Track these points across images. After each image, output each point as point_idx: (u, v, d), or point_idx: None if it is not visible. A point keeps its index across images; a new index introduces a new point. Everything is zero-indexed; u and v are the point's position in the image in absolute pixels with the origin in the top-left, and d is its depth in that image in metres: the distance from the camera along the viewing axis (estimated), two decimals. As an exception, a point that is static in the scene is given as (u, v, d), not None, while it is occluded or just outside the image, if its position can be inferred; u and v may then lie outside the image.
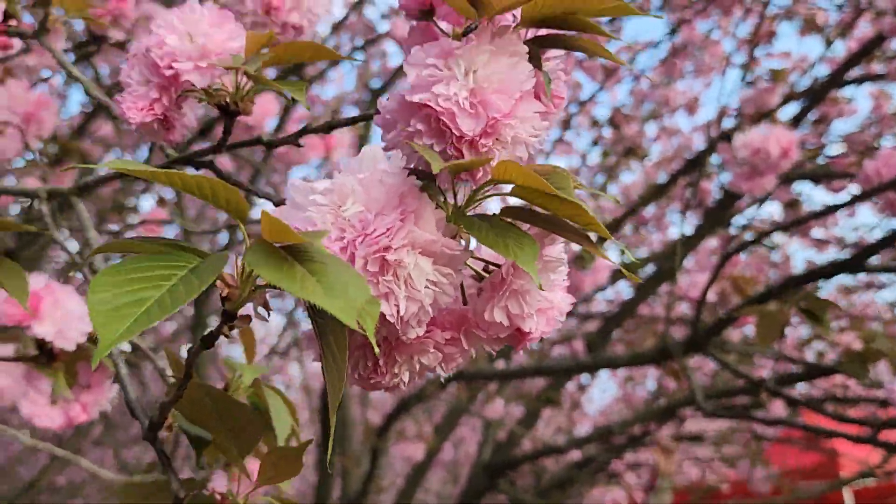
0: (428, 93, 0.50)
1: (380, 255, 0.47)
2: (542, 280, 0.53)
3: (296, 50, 0.66)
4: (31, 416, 0.94)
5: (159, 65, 0.67)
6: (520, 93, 0.51)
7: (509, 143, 0.51)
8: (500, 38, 0.52)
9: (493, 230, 0.49)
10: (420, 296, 0.48)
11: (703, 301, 2.01)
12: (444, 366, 0.55)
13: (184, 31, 0.67)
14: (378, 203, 0.49)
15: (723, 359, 2.07)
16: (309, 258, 0.44)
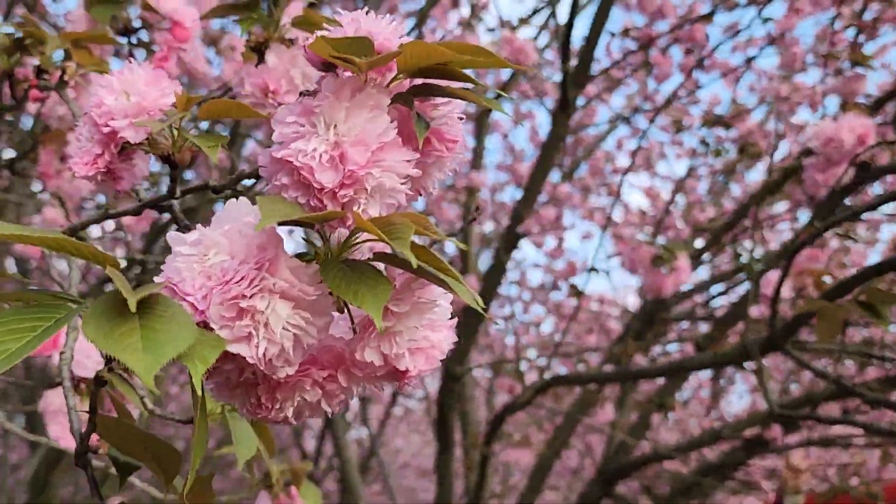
0: (289, 149, 0.54)
1: (234, 303, 0.51)
2: (415, 321, 0.56)
3: (221, 108, 0.70)
4: (57, 437, 1.08)
5: (98, 123, 0.72)
6: (378, 144, 0.54)
7: (374, 192, 0.54)
8: (359, 94, 0.56)
9: (347, 277, 0.52)
10: (278, 338, 0.51)
11: (776, 298, 1.89)
12: (327, 402, 0.58)
13: (120, 91, 0.72)
14: (240, 253, 0.52)
15: (800, 358, 1.97)
16: (154, 313, 0.48)
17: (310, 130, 0.54)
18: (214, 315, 0.51)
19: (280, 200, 0.54)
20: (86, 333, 0.46)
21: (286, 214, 0.51)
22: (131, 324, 0.46)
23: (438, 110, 0.61)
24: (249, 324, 0.51)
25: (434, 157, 0.61)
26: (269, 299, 0.51)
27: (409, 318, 0.56)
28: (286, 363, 0.53)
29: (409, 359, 0.56)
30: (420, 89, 0.59)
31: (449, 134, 0.61)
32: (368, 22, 0.56)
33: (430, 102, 0.61)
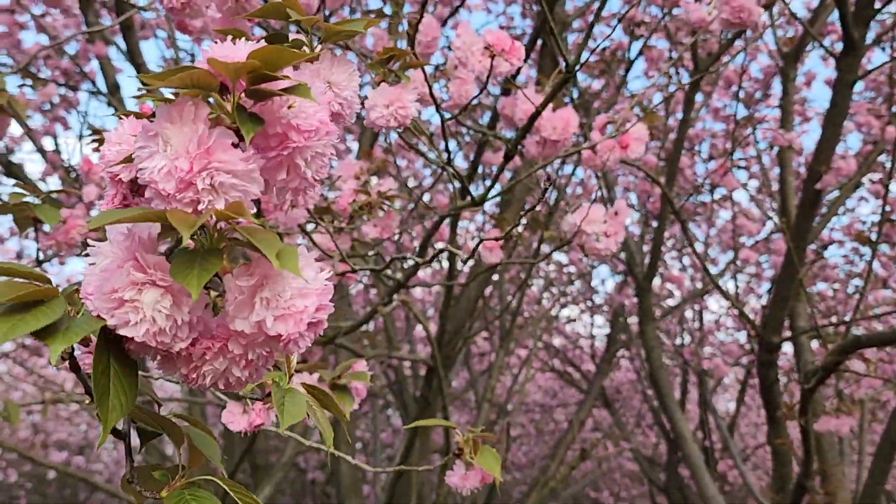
0: (141, 168, 0.65)
1: (110, 296, 0.63)
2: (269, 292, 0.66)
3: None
4: (228, 421, 1.27)
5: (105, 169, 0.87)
6: (200, 151, 0.64)
7: (214, 190, 0.65)
8: (183, 112, 0.66)
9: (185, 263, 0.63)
10: (150, 319, 0.63)
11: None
12: (237, 368, 0.69)
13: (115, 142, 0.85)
14: (116, 257, 0.65)
15: None
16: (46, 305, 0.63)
17: (153, 150, 0.65)
18: (100, 308, 0.63)
19: (117, 211, 0.68)
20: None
21: (115, 217, 0.64)
22: (13, 318, 0.61)
23: (293, 106, 0.69)
24: (127, 310, 0.63)
25: (293, 147, 0.69)
26: (138, 289, 0.63)
27: (262, 290, 0.66)
28: (174, 338, 0.65)
29: (277, 324, 0.65)
30: (254, 94, 0.69)
31: (303, 125, 0.69)
32: (220, 49, 0.67)
33: (282, 101, 0.69)
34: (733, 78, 4.77)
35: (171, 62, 4.71)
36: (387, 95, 1.39)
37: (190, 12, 1.48)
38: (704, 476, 3.96)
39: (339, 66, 0.95)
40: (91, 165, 2.30)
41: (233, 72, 0.66)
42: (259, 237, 0.63)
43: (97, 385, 0.64)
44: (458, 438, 1.38)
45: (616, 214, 1.93)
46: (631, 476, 9.34)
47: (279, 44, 1.03)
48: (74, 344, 0.63)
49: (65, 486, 9.02)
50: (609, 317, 6.18)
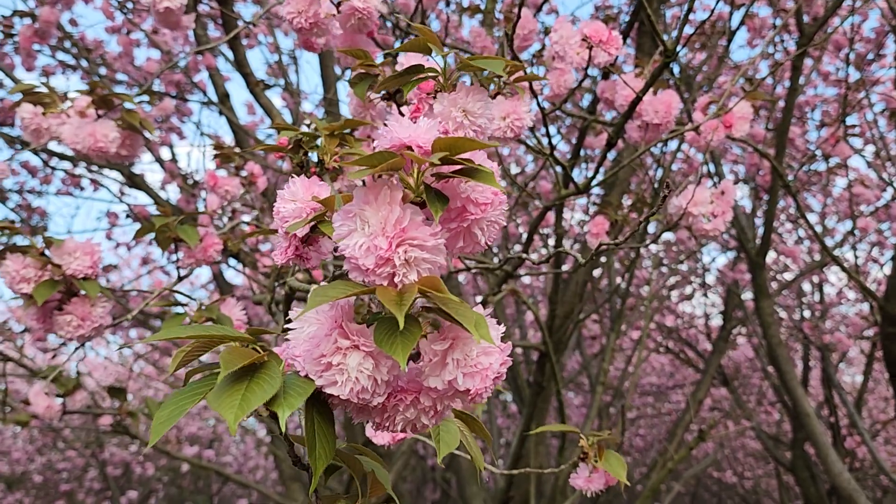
0: (342, 245, 0.73)
1: (319, 359, 0.72)
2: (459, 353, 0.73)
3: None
4: (371, 435, 1.33)
5: (280, 224, 0.98)
6: (396, 230, 0.71)
7: (408, 264, 0.72)
8: (380, 195, 0.73)
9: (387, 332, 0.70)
10: (354, 379, 0.71)
11: None
12: (425, 417, 0.77)
13: (289, 199, 0.97)
14: (323, 325, 0.74)
15: None
16: (261, 375, 0.70)
17: (352, 229, 0.73)
18: (309, 370, 0.72)
19: (331, 287, 0.72)
20: (208, 400, 0.67)
21: (330, 296, 0.71)
22: (240, 387, 0.68)
23: (470, 182, 0.76)
24: (333, 372, 0.71)
25: (472, 219, 0.78)
26: (344, 354, 0.72)
27: (454, 351, 0.73)
28: (374, 395, 0.73)
29: (465, 380, 0.73)
30: (440, 174, 0.77)
31: (480, 198, 0.77)
32: (403, 129, 0.74)
33: (460, 178, 0.76)
34: (843, 40, 4.59)
35: (276, 67, 4.87)
36: (503, 108, 1.43)
37: (317, 31, 1.57)
38: (830, 453, 3.85)
39: (473, 96, 1.03)
40: (216, 180, 2.43)
41: (425, 162, 0.74)
42: (455, 309, 0.70)
43: (308, 438, 0.73)
44: (583, 443, 1.42)
45: (723, 194, 1.91)
46: (755, 455, 9.12)
47: (415, 73, 1.09)
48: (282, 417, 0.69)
49: (198, 479, 9.45)
50: (723, 294, 6.05)
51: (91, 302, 1.63)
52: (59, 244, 1.60)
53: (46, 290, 1.56)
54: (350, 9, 1.49)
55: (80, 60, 4.23)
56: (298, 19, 1.55)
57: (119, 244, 5.71)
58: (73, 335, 1.61)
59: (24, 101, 1.79)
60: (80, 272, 1.60)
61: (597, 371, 4.71)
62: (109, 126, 1.75)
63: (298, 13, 1.54)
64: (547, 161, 2.03)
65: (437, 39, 0.99)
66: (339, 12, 1.52)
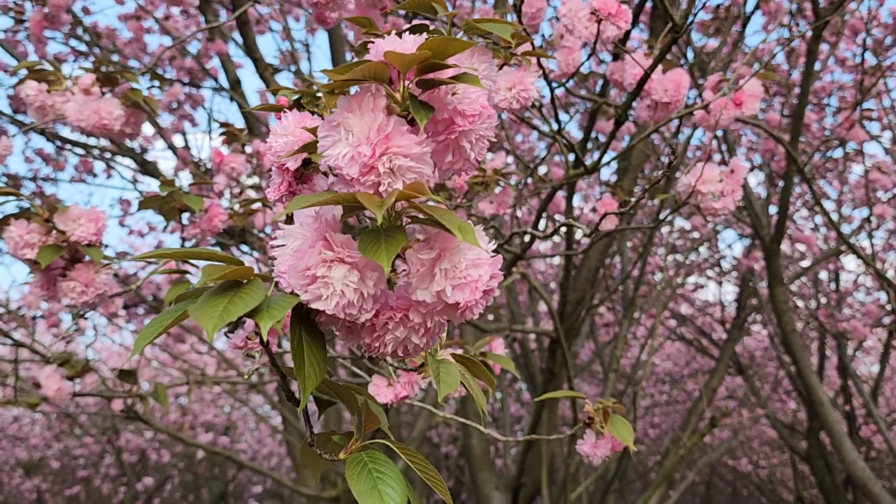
0: (327, 156, 0.72)
1: (303, 273, 0.69)
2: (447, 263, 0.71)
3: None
4: (374, 394, 1.33)
5: (273, 160, 0.96)
6: (379, 137, 0.70)
7: (393, 173, 0.70)
8: (363, 103, 0.71)
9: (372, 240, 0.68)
10: (339, 292, 0.69)
11: None
12: (416, 336, 0.74)
13: (281, 134, 0.94)
14: (307, 238, 0.72)
15: None
16: (245, 290, 0.69)
17: (336, 139, 0.71)
18: (294, 284, 0.70)
19: (313, 195, 0.71)
20: (189, 311, 0.66)
21: (309, 202, 0.69)
22: (223, 299, 0.67)
23: (457, 93, 0.74)
24: (318, 286, 0.69)
25: (459, 131, 0.75)
26: (328, 266, 0.69)
27: (441, 261, 0.71)
28: (360, 310, 0.70)
29: (454, 292, 0.70)
30: (424, 83, 0.74)
31: (468, 110, 0.75)
32: (389, 43, 0.72)
33: (447, 88, 0.74)
34: (859, 25, 4.53)
35: (288, 54, 4.86)
36: (509, 78, 1.41)
37: (332, 5, 1.56)
38: (844, 442, 3.83)
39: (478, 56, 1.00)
40: (222, 157, 2.42)
41: (407, 62, 0.71)
42: (440, 213, 0.68)
43: (295, 355, 0.71)
44: (589, 408, 1.41)
45: (732, 172, 1.89)
46: (770, 444, 9.08)
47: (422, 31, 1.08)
48: (264, 329, 0.68)
49: (213, 465, 9.51)
50: (737, 282, 6.01)
51: (95, 268, 1.62)
52: (63, 210, 1.59)
53: (50, 253, 1.56)
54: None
55: (91, 48, 4.23)
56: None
57: (132, 231, 5.73)
58: (77, 301, 1.61)
59: (29, 78, 1.79)
60: (84, 238, 1.60)
61: (609, 359, 4.70)
62: (114, 104, 1.75)
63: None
64: (555, 143, 2.01)
65: (443, 1, 0.97)
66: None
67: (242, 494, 10.05)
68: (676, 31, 1.63)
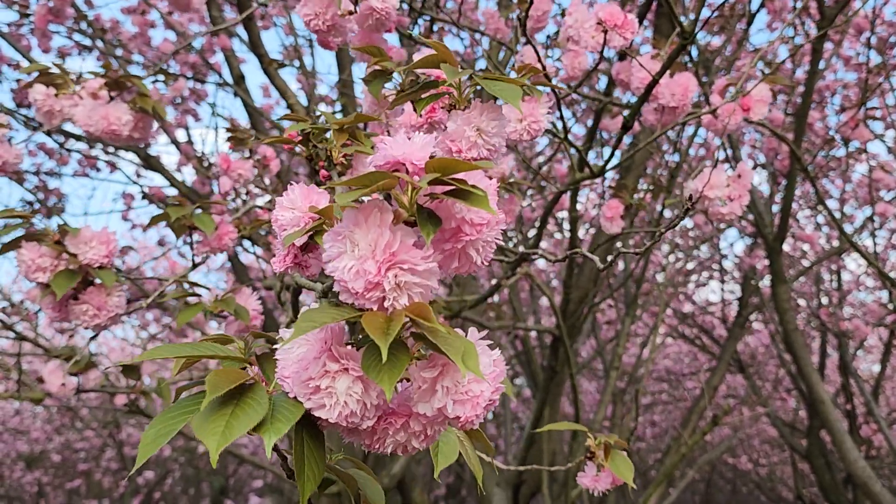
0: (331, 267, 0.71)
1: (307, 383, 0.71)
2: (449, 381, 0.72)
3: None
4: None
5: (279, 232, 0.97)
6: (386, 254, 0.70)
7: (399, 288, 0.70)
8: (370, 218, 0.71)
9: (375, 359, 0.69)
10: (342, 403, 0.70)
11: None
12: (415, 440, 0.76)
13: (287, 207, 0.94)
14: (312, 347, 0.73)
15: None
16: (247, 400, 0.69)
17: (341, 250, 0.71)
18: (298, 392, 0.71)
19: (320, 311, 0.71)
20: (192, 426, 0.66)
21: (318, 322, 0.69)
22: (225, 412, 0.67)
23: (463, 203, 0.74)
24: (322, 396, 0.71)
25: (467, 240, 0.75)
26: (332, 378, 0.71)
27: (443, 378, 0.72)
28: (363, 418, 0.72)
29: (455, 407, 0.72)
30: (434, 194, 0.75)
31: (476, 219, 0.75)
32: (398, 147, 0.72)
33: (454, 199, 0.74)
34: (864, 24, 4.53)
35: (292, 49, 4.86)
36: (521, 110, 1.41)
37: (334, 32, 1.55)
38: (845, 440, 3.83)
39: (488, 114, 1.01)
40: (229, 163, 2.43)
41: (415, 184, 0.73)
42: (443, 339, 0.68)
43: (297, 460, 0.73)
44: (591, 443, 1.42)
45: (739, 177, 1.89)
46: (771, 442, 9.09)
47: (429, 88, 1.08)
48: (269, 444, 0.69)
49: (214, 459, 9.52)
50: (739, 280, 6.01)
51: (107, 291, 1.63)
52: (74, 233, 1.60)
53: (65, 281, 1.56)
54: (368, 9, 1.47)
55: (95, 41, 4.23)
56: (316, 21, 1.53)
57: (135, 226, 5.73)
58: (90, 324, 1.62)
59: (37, 81, 1.79)
60: (95, 261, 1.60)
61: (611, 356, 4.70)
62: (122, 109, 1.75)
63: (316, 16, 1.53)
64: (562, 144, 2.01)
65: (452, 56, 0.97)
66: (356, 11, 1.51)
67: (243, 489, 10.07)
68: (685, 38, 1.62)
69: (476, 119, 1.03)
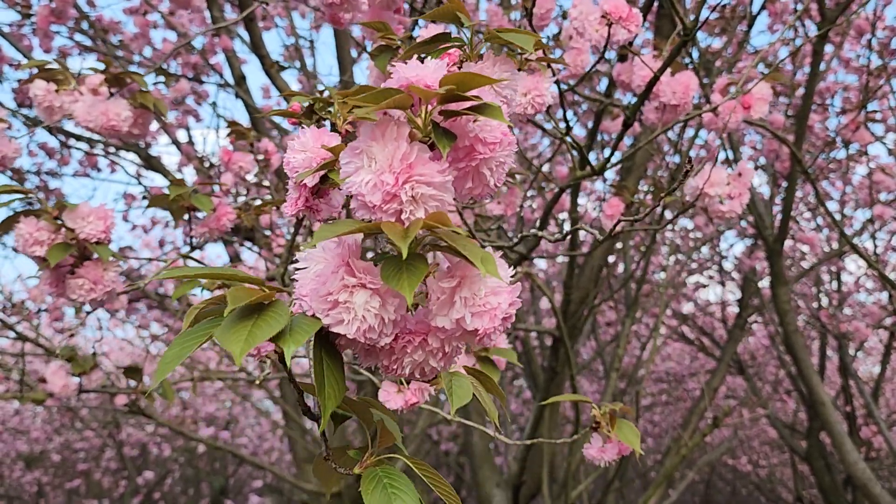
0: (349, 182, 0.72)
1: (325, 297, 0.71)
2: (467, 292, 0.72)
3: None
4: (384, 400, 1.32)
5: (290, 174, 0.97)
6: (402, 166, 0.70)
7: (415, 201, 0.71)
8: (386, 131, 0.72)
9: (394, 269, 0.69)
10: (361, 318, 0.70)
11: None
12: (433, 359, 0.75)
13: (299, 150, 0.94)
14: (329, 263, 0.72)
15: None
16: (268, 312, 0.69)
17: (359, 165, 0.72)
18: (316, 308, 0.71)
19: (338, 223, 0.72)
20: (215, 335, 0.67)
21: (336, 231, 0.70)
22: (247, 323, 0.68)
23: (478, 120, 0.75)
24: (340, 311, 0.70)
25: (480, 158, 0.76)
26: (350, 292, 0.71)
27: (461, 289, 0.72)
28: (381, 335, 0.72)
29: (473, 319, 0.72)
30: (450, 112, 0.76)
31: (489, 137, 0.76)
32: (411, 70, 0.73)
33: (469, 117, 0.75)
34: (865, 26, 4.53)
35: (293, 50, 4.86)
36: (524, 84, 1.41)
37: (346, 6, 1.56)
38: (845, 442, 3.83)
39: (501, 66, 1.01)
40: (230, 156, 2.43)
41: (431, 95, 0.73)
42: (462, 244, 0.69)
43: (317, 377, 0.72)
44: (595, 412, 1.41)
45: (740, 175, 1.90)
46: (770, 444, 9.09)
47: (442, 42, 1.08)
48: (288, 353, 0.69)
49: (214, 460, 9.53)
50: (740, 282, 6.02)
51: (103, 266, 1.64)
52: (72, 208, 1.61)
53: (60, 252, 1.58)
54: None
55: (96, 42, 4.23)
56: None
57: (135, 226, 5.73)
58: (86, 299, 1.62)
59: (37, 77, 1.79)
60: (93, 236, 1.61)
61: (611, 357, 4.70)
62: (122, 105, 1.76)
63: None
64: (562, 143, 2.02)
65: (464, 8, 0.97)
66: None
67: (243, 489, 10.07)
68: (686, 34, 1.63)
69: (489, 70, 1.03)
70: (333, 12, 1.60)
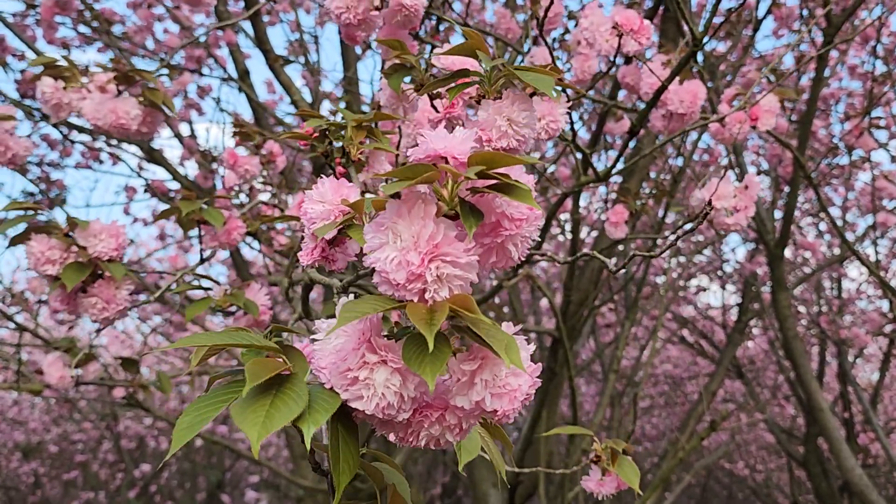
0: (373, 258, 0.71)
1: (345, 374, 0.71)
2: (488, 374, 0.72)
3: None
4: None
5: (307, 225, 0.98)
6: (429, 246, 0.70)
7: (439, 280, 0.70)
8: (413, 209, 0.71)
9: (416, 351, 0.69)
10: (380, 395, 0.70)
11: None
12: (449, 433, 0.76)
13: (317, 200, 0.95)
14: (351, 338, 0.73)
15: None
16: (286, 390, 0.69)
17: (383, 241, 0.71)
18: (335, 383, 0.72)
19: (362, 301, 0.71)
20: (232, 413, 0.66)
21: (361, 312, 0.69)
22: (265, 402, 0.67)
23: (505, 197, 0.74)
24: (360, 387, 0.71)
25: (506, 235, 0.76)
26: (371, 369, 0.71)
27: (482, 372, 0.72)
28: (399, 411, 0.72)
29: (493, 401, 0.72)
30: (475, 189, 0.75)
31: (515, 214, 0.75)
32: (439, 140, 0.72)
33: (496, 193, 0.74)
34: (870, 32, 4.52)
35: (297, 45, 4.86)
36: (539, 109, 1.40)
37: (364, 27, 1.55)
38: (843, 448, 3.83)
39: (519, 105, 1.00)
40: (236, 158, 2.43)
41: (460, 176, 0.73)
42: (486, 331, 0.69)
43: (333, 453, 0.73)
44: (597, 447, 1.42)
45: (746, 188, 1.89)
46: (768, 448, 9.09)
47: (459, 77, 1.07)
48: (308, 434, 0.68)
49: (211, 454, 9.53)
50: (740, 286, 6.01)
51: (116, 284, 1.64)
52: (84, 226, 1.60)
53: (75, 273, 1.57)
54: (397, 5, 1.47)
55: (100, 34, 4.23)
56: (347, 15, 1.52)
57: (136, 219, 5.73)
58: (98, 318, 1.62)
59: (45, 74, 1.79)
60: (105, 254, 1.61)
61: (610, 359, 4.70)
62: (131, 103, 1.75)
63: (347, 9, 1.51)
64: (567, 147, 2.01)
65: (485, 45, 0.97)
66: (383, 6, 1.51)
67: (239, 484, 10.07)
68: (696, 45, 1.62)
69: (507, 109, 1.03)
70: (349, 31, 1.59)
